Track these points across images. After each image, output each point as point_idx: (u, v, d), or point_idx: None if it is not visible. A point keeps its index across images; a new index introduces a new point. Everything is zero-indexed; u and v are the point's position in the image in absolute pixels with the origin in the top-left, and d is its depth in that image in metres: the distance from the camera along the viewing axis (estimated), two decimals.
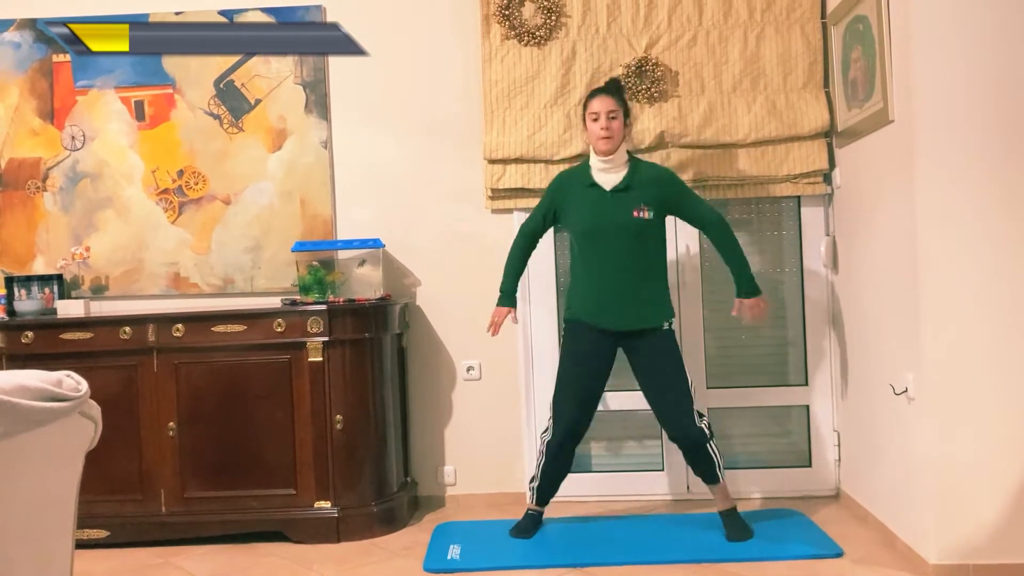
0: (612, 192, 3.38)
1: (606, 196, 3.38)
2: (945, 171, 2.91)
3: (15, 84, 4.14)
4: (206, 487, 3.68)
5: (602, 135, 3.36)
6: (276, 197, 4.10)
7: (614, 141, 3.37)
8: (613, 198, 3.37)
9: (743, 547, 3.30)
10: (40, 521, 1.65)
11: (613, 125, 3.36)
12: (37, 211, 4.16)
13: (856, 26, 3.46)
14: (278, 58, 4.09)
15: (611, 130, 3.36)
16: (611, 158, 3.39)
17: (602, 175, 3.41)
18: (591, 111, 3.41)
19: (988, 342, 2.89)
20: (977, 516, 2.91)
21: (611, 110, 3.37)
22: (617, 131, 3.38)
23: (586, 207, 3.40)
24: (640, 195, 3.36)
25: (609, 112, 3.37)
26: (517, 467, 4.06)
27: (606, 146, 3.37)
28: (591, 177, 3.42)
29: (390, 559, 3.40)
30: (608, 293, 3.37)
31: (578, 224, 3.43)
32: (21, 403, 1.46)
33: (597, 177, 3.41)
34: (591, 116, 3.40)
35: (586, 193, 3.41)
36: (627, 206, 3.35)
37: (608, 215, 3.36)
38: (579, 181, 3.45)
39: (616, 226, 3.35)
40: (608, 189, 3.38)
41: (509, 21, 3.95)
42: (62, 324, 3.74)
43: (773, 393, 4.06)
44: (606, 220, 3.36)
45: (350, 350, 3.66)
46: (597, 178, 3.41)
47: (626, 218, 3.34)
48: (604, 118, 3.36)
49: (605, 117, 3.36)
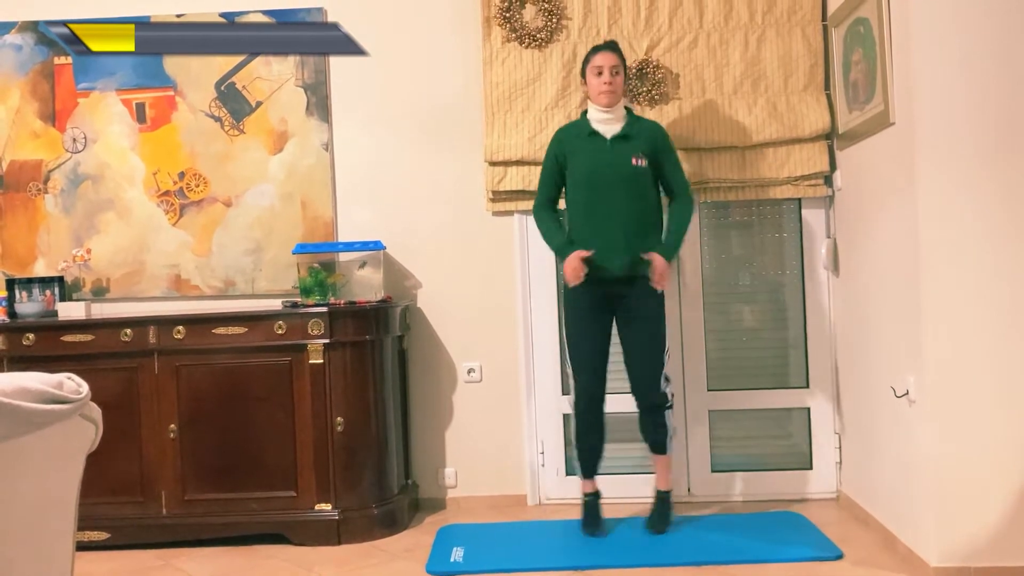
0: (612, 140, 3.46)
1: (606, 144, 3.46)
2: (946, 173, 2.91)
3: (16, 86, 4.15)
4: (207, 489, 3.68)
5: (605, 88, 3.45)
6: (277, 199, 4.11)
7: (616, 95, 3.48)
8: (613, 146, 3.46)
9: (742, 549, 3.30)
10: (41, 523, 1.65)
11: (616, 80, 3.47)
12: (38, 213, 4.16)
13: (857, 28, 3.46)
14: (279, 60, 4.10)
15: (614, 84, 3.46)
16: (611, 111, 3.48)
17: (602, 125, 3.49)
18: (594, 65, 3.48)
19: (989, 344, 2.89)
20: (978, 518, 2.91)
21: (614, 65, 3.47)
22: (619, 86, 3.49)
23: (587, 155, 3.48)
24: (638, 144, 3.46)
25: (612, 67, 3.46)
26: (518, 469, 4.06)
27: (608, 99, 3.46)
28: (590, 127, 3.50)
29: (391, 561, 3.40)
30: (609, 238, 3.41)
31: (579, 171, 3.49)
32: (22, 405, 1.46)
33: (597, 127, 3.49)
34: (594, 70, 3.48)
35: (586, 142, 3.49)
36: (626, 153, 3.44)
37: (609, 162, 3.44)
38: (578, 133, 3.53)
39: (616, 172, 3.42)
40: (609, 137, 3.46)
41: (510, 23, 3.96)
42: (63, 326, 3.74)
43: (774, 395, 4.05)
44: (607, 166, 3.43)
45: (351, 352, 3.66)
46: (597, 127, 3.49)
47: (626, 164, 3.43)
48: (608, 72, 3.45)
49: (609, 72, 3.45)
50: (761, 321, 4.12)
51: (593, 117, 3.51)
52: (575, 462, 3.65)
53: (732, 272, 4.12)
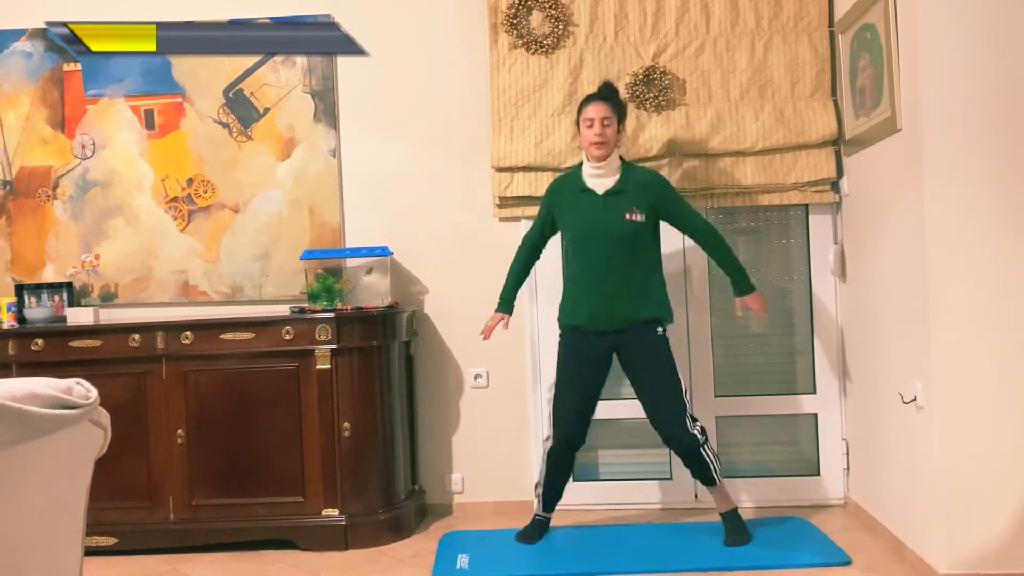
0: (604, 196, 3.42)
1: (599, 200, 3.42)
2: (953, 179, 2.90)
3: (26, 93, 4.17)
4: (214, 494, 3.69)
5: (595, 140, 3.40)
6: (285, 205, 4.12)
7: (607, 147, 3.42)
8: (606, 202, 3.41)
9: (750, 555, 3.30)
10: (50, 528, 1.65)
11: (607, 132, 3.41)
12: (47, 219, 4.18)
13: (864, 34, 3.46)
14: (287, 67, 4.11)
15: (604, 136, 3.40)
16: (604, 164, 3.43)
17: (595, 180, 3.45)
18: (585, 117, 3.44)
19: (997, 350, 2.88)
20: (987, 525, 2.89)
21: (605, 116, 3.41)
22: (610, 137, 3.42)
23: (579, 212, 3.44)
24: (632, 198, 3.40)
25: (603, 119, 3.40)
26: (524, 475, 4.06)
27: (599, 152, 3.41)
28: (583, 182, 3.46)
29: (398, 567, 3.40)
30: (602, 294, 3.39)
31: (572, 228, 3.47)
32: (31, 410, 1.47)
33: (589, 182, 3.45)
34: (585, 122, 3.44)
35: (579, 198, 3.45)
36: (619, 209, 3.39)
37: (601, 219, 3.39)
38: (572, 187, 3.49)
39: (609, 229, 3.38)
40: (601, 193, 3.42)
41: (517, 30, 3.97)
42: (72, 332, 3.75)
43: (781, 401, 4.05)
44: (599, 224, 3.39)
45: (358, 358, 3.67)
46: (589, 183, 3.45)
47: (619, 221, 3.37)
48: (598, 124, 3.40)
49: (599, 123, 3.40)
50: (768, 327, 4.12)
51: (586, 171, 3.47)
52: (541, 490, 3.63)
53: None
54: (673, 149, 3.91)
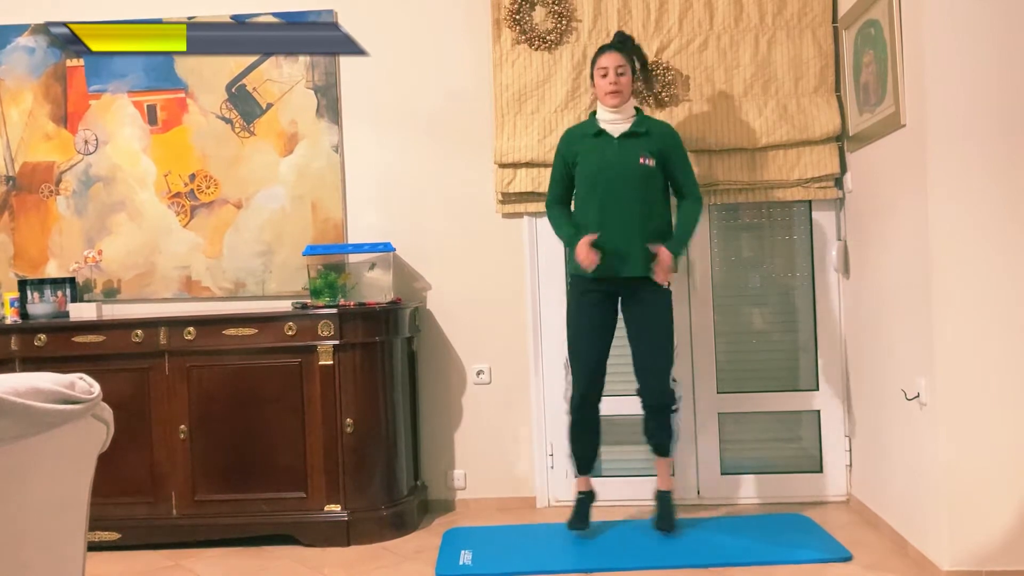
0: (619, 138, 3.45)
1: (613, 142, 3.45)
2: (957, 175, 2.90)
3: (29, 89, 4.17)
4: (217, 490, 3.69)
5: (610, 89, 3.44)
6: (287, 201, 4.12)
7: (622, 95, 3.46)
8: (620, 144, 3.44)
9: (751, 551, 3.29)
10: (53, 523, 1.65)
11: (621, 80, 3.45)
12: (50, 215, 4.18)
13: (868, 30, 3.45)
14: (290, 63, 4.11)
15: (619, 84, 3.44)
16: (619, 110, 3.47)
17: (609, 125, 3.48)
18: (599, 66, 3.48)
19: (1001, 347, 2.87)
20: (990, 522, 2.89)
21: (619, 65, 3.45)
22: (625, 85, 3.46)
23: (594, 153, 3.46)
24: (646, 143, 3.44)
25: (617, 67, 3.45)
26: (527, 471, 4.06)
27: (614, 100, 3.45)
28: (597, 127, 3.49)
29: (400, 563, 3.40)
30: (614, 239, 3.39)
31: (586, 169, 3.48)
32: (34, 405, 1.47)
33: (604, 126, 3.49)
34: (599, 71, 3.48)
35: (594, 141, 3.48)
36: (634, 152, 3.42)
37: (615, 160, 3.42)
38: (586, 132, 3.52)
39: (623, 170, 3.41)
40: (616, 136, 3.45)
41: (520, 25, 3.96)
42: (75, 327, 3.76)
43: (784, 398, 4.04)
44: (613, 165, 3.42)
45: (361, 354, 3.67)
46: (604, 127, 3.48)
47: (633, 163, 3.41)
48: (612, 73, 3.44)
49: (613, 72, 3.44)
50: (771, 323, 4.11)
51: (601, 117, 3.51)
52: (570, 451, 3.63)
53: (742, 274, 4.11)
54: None
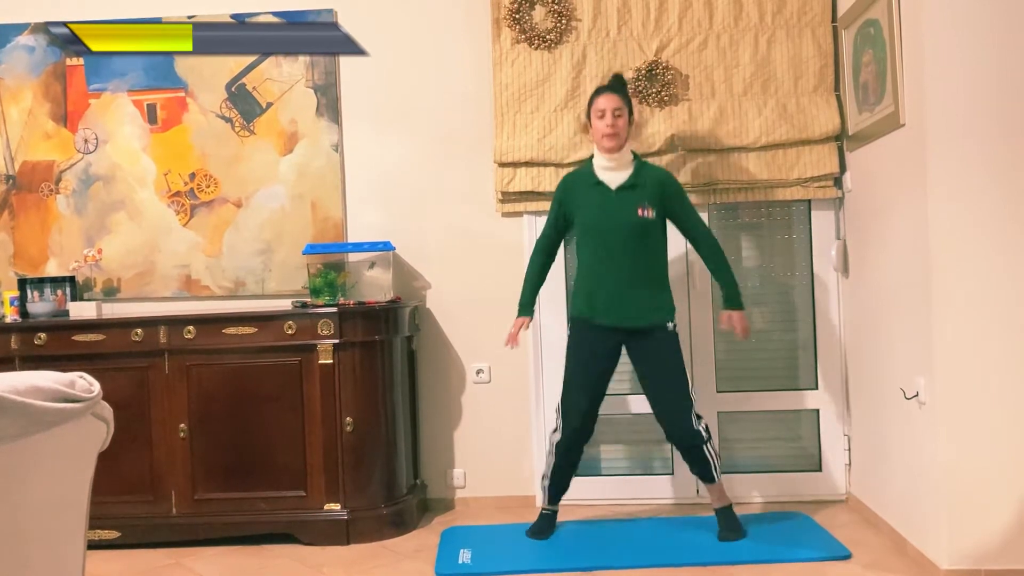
0: (617, 190, 3.41)
1: (611, 195, 3.41)
2: (956, 174, 2.90)
3: (29, 87, 4.17)
4: (217, 489, 3.69)
5: (607, 132, 3.38)
6: (287, 200, 4.12)
7: (619, 139, 3.40)
8: (618, 196, 3.40)
9: (751, 550, 3.30)
10: (53, 522, 1.66)
11: (618, 123, 3.39)
12: (50, 214, 4.18)
13: (867, 30, 3.46)
14: (289, 62, 4.11)
15: (616, 127, 3.39)
16: (616, 156, 3.42)
17: (607, 173, 3.43)
18: (596, 109, 3.43)
19: (1000, 346, 2.88)
20: (989, 520, 2.90)
21: (616, 107, 3.40)
22: (622, 129, 3.41)
23: (592, 205, 3.43)
24: (644, 194, 3.39)
25: (615, 109, 3.39)
26: (526, 470, 4.06)
27: (611, 143, 3.39)
28: (595, 176, 3.45)
29: (399, 562, 3.41)
30: (613, 291, 3.39)
31: (585, 222, 3.45)
32: (34, 404, 1.47)
33: (602, 176, 3.44)
34: (597, 113, 3.42)
35: (591, 192, 3.44)
36: (632, 204, 3.38)
37: (613, 213, 3.39)
38: (584, 181, 3.48)
39: (621, 224, 3.37)
40: (613, 188, 3.41)
41: (519, 25, 3.96)
42: (75, 326, 3.76)
43: (783, 397, 4.05)
44: (611, 218, 3.39)
45: (360, 352, 3.67)
46: (602, 176, 3.44)
47: (631, 216, 3.37)
48: (610, 115, 3.38)
49: (611, 115, 3.38)
50: (770, 323, 4.11)
51: (598, 164, 3.46)
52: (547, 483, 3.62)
53: (741, 274, 4.11)
54: (676, 144, 3.91)
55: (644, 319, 3.39)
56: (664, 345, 3.41)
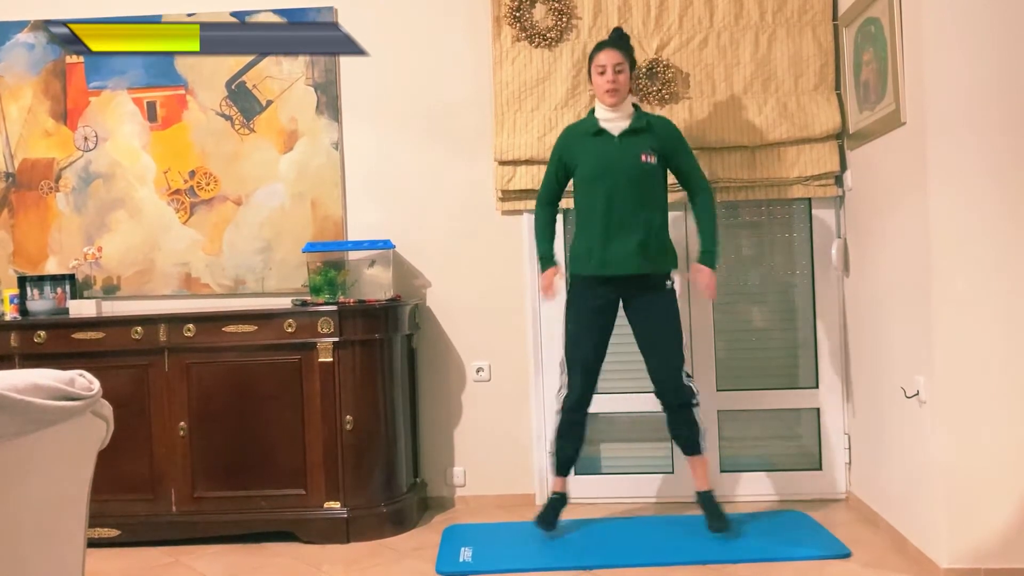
0: (620, 136, 3.43)
1: (613, 141, 3.43)
2: (957, 173, 2.90)
3: (29, 85, 4.17)
4: (217, 487, 3.69)
5: (608, 87, 3.41)
6: (287, 198, 4.12)
7: (620, 94, 3.43)
8: (621, 142, 3.42)
9: (751, 548, 3.30)
10: (52, 520, 1.66)
11: (619, 78, 3.42)
12: (50, 211, 4.18)
13: (868, 28, 3.45)
14: (290, 60, 4.11)
15: (617, 83, 3.41)
16: (618, 108, 3.45)
17: (609, 123, 3.46)
18: (597, 64, 3.45)
19: (1000, 345, 2.88)
20: (989, 520, 2.89)
21: (617, 63, 3.42)
22: (623, 83, 3.44)
23: (594, 152, 3.44)
24: (646, 140, 3.42)
25: (615, 65, 3.41)
26: (527, 468, 4.06)
27: (612, 99, 3.42)
28: (597, 125, 3.46)
29: (400, 560, 3.41)
30: (615, 238, 3.39)
31: (587, 169, 3.46)
32: (34, 402, 1.47)
33: (604, 125, 3.46)
34: (597, 69, 3.44)
35: (593, 141, 3.46)
36: (635, 150, 3.40)
37: (616, 159, 3.40)
38: (584, 131, 3.50)
39: (623, 169, 3.39)
40: (616, 134, 3.43)
41: (520, 23, 3.96)
42: (74, 324, 3.76)
43: (783, 396, 4.05)
44: (614, 164, 3.40)
45: (360, 351, 3.67)
46: (604, 125, 3.46)
47: (634, 161, 3.39)
48: (611, 71, 3.41)
49: (612, 70, 3.41)
50: (771, 321, 4.11)
51: (600, 115, 3.49)
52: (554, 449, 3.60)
53: (742, 272, 4.11)
54: None
55: (643, 266, 3.39)
56: (662, 301, 3.44)
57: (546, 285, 3.55)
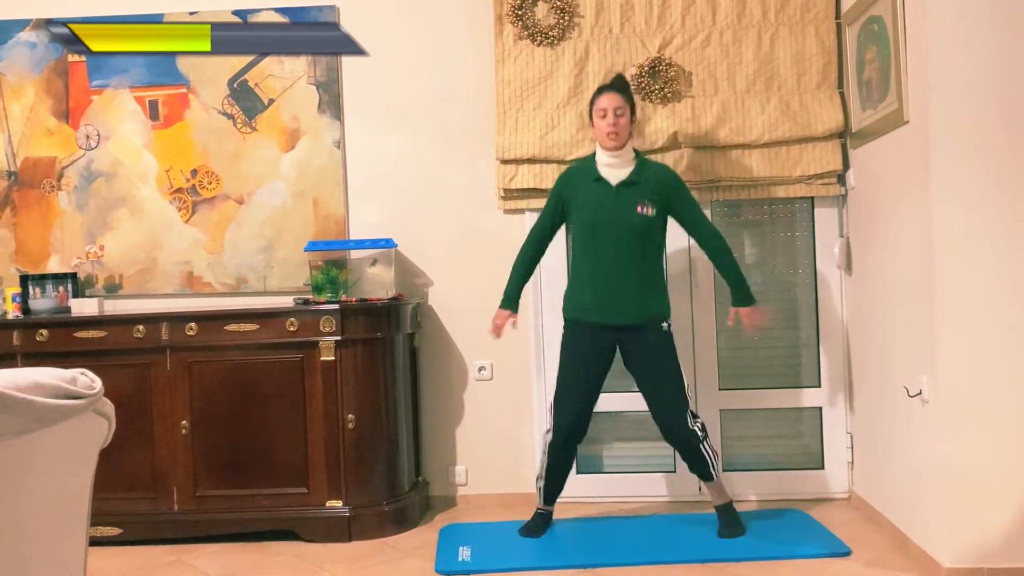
0: (618, 187, 3.40)
1: (611, 191, 3.41)
2: (960, 172, 2.89)
3: (31, 84, 4.17)
4: (218, 485, 3.69)
5: (609, 131, 3.39)
6: (289, 197, 4.12)
7: (621, 138, 3.41)
8: (618, 193, 3.40)
9: (752, 547, 3.30)
10: (54, 518, 1.66)
11: (620, 122, 3.40)
12: (52, 210, 4.18)
13: (871, 26, 3.45)
14: (292, 58, 4.10)
15: (618, 127, 3.39)
16: (618, 154, 3.42)
17: (608, 170, 3.43)
18: (598, 108, 3.43)
19: (1003, 344, 2.87)
20: (992, 519, 2.89)
21: (618, 107, 3.40)
22: (624, 128, 3.41)
23: (591, 201, 3.43)
24: (645, 191, 3.39)
25: (616, 109, 3.40)
26: (528, 467, 4.06)
27: (613, 143, 3.40)
28: (597, 172, 3.45)
29: (401, 559, 3.40)
30: (609, 287, 3.39)
31: (582, 218, 3.45)
32: (36, 400, 1.47)
33: (603, 172, 3.44)
34: (599, 113, 3.43)
35: (592, 187, 3.44)
36: (632, 201, 3.38)
37: (613, 210, 3.39)
38: (585, 176, 3.48)
39: (620, 221, 3.37)
40: (614, 184, 3.41)
41: (522, 21, 3.95)
42: (76, 322, 3.76)
43: (786, 395, 4.04)
44: (610, 214, 3.38)
45: (362, 350, 3.67)
46: (603, 172, 3.44)
47: (630, 213, 3.37)
48: (611, 115, 3.39)
49: (612, 114, 3.39)
50: (773, 320, 4.11)
51: (600, 160, 3.46)
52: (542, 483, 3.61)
53: (744, 271, 4.10)
54: (678, 141, 3.90)
55: (638, 316, 3.39)
56: (658, 344, 3.41)
57: (497, 325, 3.54)
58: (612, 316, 3.39)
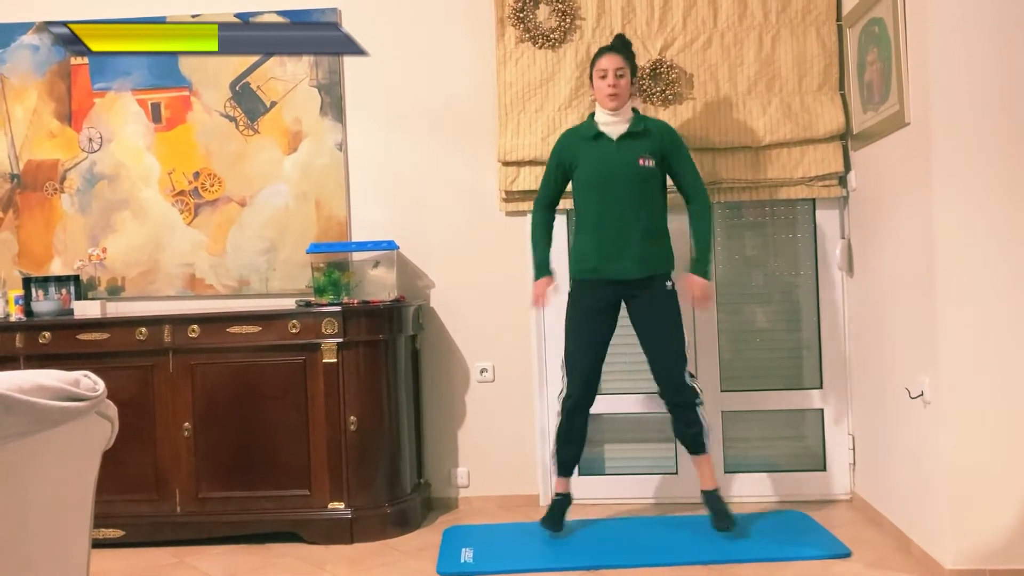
0: (619, 140, 3.44)
1: (612, 144, 3.44)
2: (961, 173, 2.89)
3: (34, 87, 4.18)
4: (221, 487, 3.69)
5: (609, 92, 3.42)
6: (291, 199, 4.12)
7: (621, 98, 3.45)
8: (619, 146, 3.44)
9: (754, 549, 3.29)
10: (57, 520, 1.66)
11: (620, 83, 3.44)
12: (55, 212, 4.19)
13: (872, 28, 3.45)
14: (293, 60, 4.11)
15: (618, 87, 3.43)
16: (618, 113, 3.46)
17: (608, 127, 3.47)
18: (599, 68, 3.47)
19: (1004, 345, 2.87)
20: (994, 520, 2.89)
21: (618, 67, 3.44)
22: (624, 88, 3.45)
23: (592, 156, 3.46)
24: (646, 144, 3.43)
25: (617, 69, 3.43)
26: (530, 469, 4.06)
27: (613, 103, 3.44)
28: (596, 130, 3.48)
29: (403, 560, 3.41)
30: (614, 241, 3.40)
31: (586, 172, 3.47)
32: (39, 402, 1.47)
33: (603, 128, 3.47)
34: (599, 73, 3.46)
35: (591, 146, 3.47)
36: (633, 153, 3.41)
37: (615, 162, 3.42)
38: (584, 135, 3.51)
39: (622, 173, 3.40)
40: (615, 138, 3.44)
41: (524, 23, 3.96)
42: (79, 325, 3.76)
43: (787, 396, 4.04)
44: (613, 167, 3.41)
45: (364, 352, 3.67)
46: (603, 129, 3.47)
47: (632, 165, 3.40)
48: (612, 75, 3.43)
49: (613, 75, 3.43)
50: (775, 322, 4.11)
51: (599, 119, 3.49)
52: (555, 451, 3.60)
53: (745, 273, 4.11)
54: None
55: (644, 269, 3.41)
56: (663, 301, 3.45)
57: (537, 295, 3.56)
58: (618, 271, 3.41)
